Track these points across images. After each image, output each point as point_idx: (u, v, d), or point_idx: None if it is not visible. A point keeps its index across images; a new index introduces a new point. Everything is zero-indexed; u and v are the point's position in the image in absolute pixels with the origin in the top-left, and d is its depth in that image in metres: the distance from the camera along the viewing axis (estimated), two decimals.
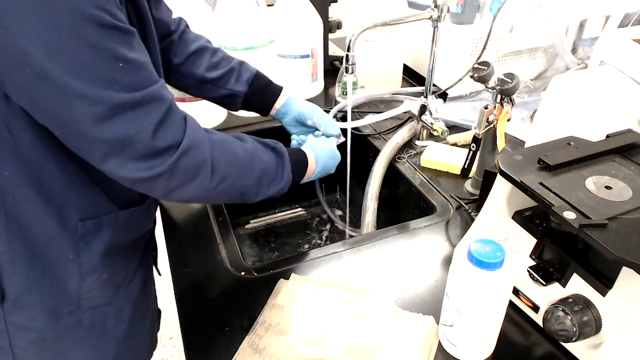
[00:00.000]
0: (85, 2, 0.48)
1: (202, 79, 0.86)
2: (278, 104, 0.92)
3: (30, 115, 0.54)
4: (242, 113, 1.24)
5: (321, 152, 0.83)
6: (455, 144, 1.11)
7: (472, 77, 0.86)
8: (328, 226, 1.27)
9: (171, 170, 0.57)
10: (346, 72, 0.94)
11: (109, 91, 0.51)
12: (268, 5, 1.17)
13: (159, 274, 0.86)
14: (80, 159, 0.59)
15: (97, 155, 0.54)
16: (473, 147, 0.90)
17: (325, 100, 1.34)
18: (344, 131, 0.95)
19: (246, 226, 1.24)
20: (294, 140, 0.94)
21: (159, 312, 0.87)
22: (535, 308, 0.65)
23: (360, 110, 1.26)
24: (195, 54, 0.86)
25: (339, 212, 1.30)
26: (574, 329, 0.57)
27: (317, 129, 0.94)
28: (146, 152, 0.55)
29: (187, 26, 0.89)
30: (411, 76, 1.45)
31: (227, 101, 0.90)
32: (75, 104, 0.50)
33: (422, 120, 1.06)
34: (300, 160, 0.78)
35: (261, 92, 0.91)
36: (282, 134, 0.95)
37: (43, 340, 0.67)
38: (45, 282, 0.64)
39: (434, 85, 1.17)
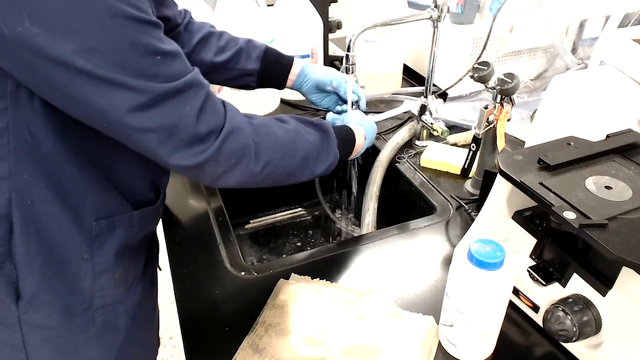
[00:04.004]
0: (122, 1, 0.49)
1: (212, 64, 0.87)
2: (293, 75, 0.93)
3: (52, 117, 0.55)
4: (245, 110, 1.24)
5: (367, 125, 0.84)
6: (455, 144, 1.11)
7: (472, 77, 0.86)
8: (328, 226, 1.26)
9: (216, 156, 0.58)
10: (346, 72, 0.94)
11: (151, 84, 0.52)
12: (268, 5, 1.17)
13: (160, 269, 0.86)
14: (97, 160, 0.59)
15: (149, 145, 0.55)
16: (473, 147, 0.90)
17: None
18: None
19: (246, 226, 1.24)
20: (329, 117, 0.94)
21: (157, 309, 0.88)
22: (535, 308, 0.65)
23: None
24: (202, 41, 0.87)
25: (339, 212, 1.30)
26: (574, 329, 0.57)
27: (337, 94, 0.95)
28: (191, 139, 0.56)
29: (191, 16, 0.90)
30: (411, 76, 1.45)
31: (241, 81, 0.91)
32: (119, 99, 0.51)
33: (422, 120, 1.06)
34: (347, 137, 0.78)
35: (273, 67, 0.91)
36: None
37: (56, 337, 0.67)
38: (60, 282, 0.64)
39: (434, 85, 1.17)
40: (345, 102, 0.94)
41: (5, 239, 0.60)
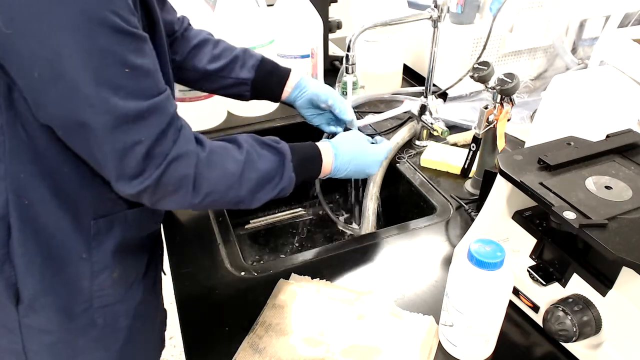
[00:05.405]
0: (101, 6, 0.48)
1: (205, 71, 0.86)
2: (289, 87, 0.89)
3: (36, 116, 0.54)
4: (242, 113, 1.24)
5: (343, 148, 0.76)
6: (455, 144, 1.11)
7: (472, 77, 0.86)
8: (328, 226, 1.26)
9: (154, 184, 0.56)
10: (346, 72, 0.94)
11: (114, 98, 0.50)
12: (268, 5, 1.17)
13: (164, 274, 0.86)
14: None
15: (96, 164, 0.55)
16: (473, 147, 0.90)
17: None
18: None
19: (246, 226, 1.24)
20: (325, 133, 0.92)
21: (165, 311, 0.88)
22: (535, 308, 0.65)
23: (360, 110, 1.26)
24: (196, 48, 0.86)
25: (339, 212, 1.30)
26: (574, 329, 0.57)
27: (332, 112, 0.90)
28: (137, 168, 0.54)
29: (189, 24, 0.88)
30: (411, 76, 1.45)
31: (234, 90, 0.88)
32: (82, 110, 0.50)
33: (422, 120, 1.06)
34: (309, 156, 0.73)
35: (269, 77, 0.88)
36: (290, 134, 0.93)
37: (57, 342, 0.67)
38: (59, 282, 0.64)
39: (434, 85, 1.17)
40: (338, 123, 0.91)
41: (4, 240, 0.60)
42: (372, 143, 0.83)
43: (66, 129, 0.53)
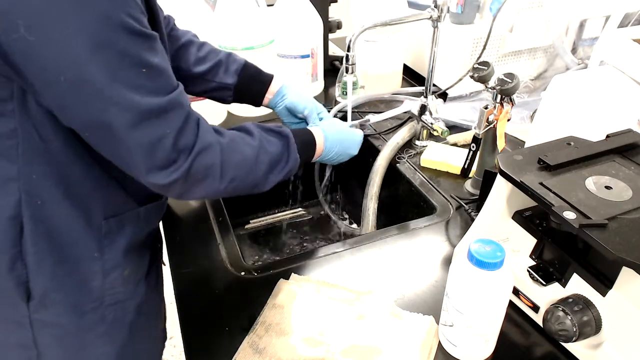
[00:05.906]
0: (117, 10, 0.49)
1: (190, 73, 0.86)
2: (270, 93, 0.91)
3: (60, 119, 0.55)
4: (242, 113, 1.24)
5: (331, 131, 0.82)
6: (455, 144, 1.11)
7: (472, 77, 0.86)
8: (328, 226, 1.26)
9: (185, 175, 0.58)
10: (346, 72, 0.94)
11: (135, 96, 0.52)
12: (268, 5, 1.17)
13: (164, 264, 0.86)
14: (104, 160, 0.60)
15: (124, 161, 0.56)
16: (473, 147, 0.90)
17: (325, 100, 1.34)
18: None
19: (246, 226, 1.24)
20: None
21: (164, 303, 0.88)
22: (535, 308, 0.65)
23: (360, 110, 1.26)
24: (182, 48, 0.86)
25: (339, 212, 1.30)
26: (574, 329, 0.57)
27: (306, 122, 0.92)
28: (167, 159, 0.56)
29: (175, 23, 0.88)
30: (411, 76, 1.45)
31: (217, 94, 0.89)
32: (106, 110, 0.51)
33: (422, 120, 1.06)
34: (307, 140, 0.78)
35: (251, 82, 0.89)
36: None
37: (67, 335, 0.68)
38: (70, 281, 0.65)
39: (434, 85, 1.17)
40: None
41: (16, 239, 0.60)
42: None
43: (91, 130, 0.54)
